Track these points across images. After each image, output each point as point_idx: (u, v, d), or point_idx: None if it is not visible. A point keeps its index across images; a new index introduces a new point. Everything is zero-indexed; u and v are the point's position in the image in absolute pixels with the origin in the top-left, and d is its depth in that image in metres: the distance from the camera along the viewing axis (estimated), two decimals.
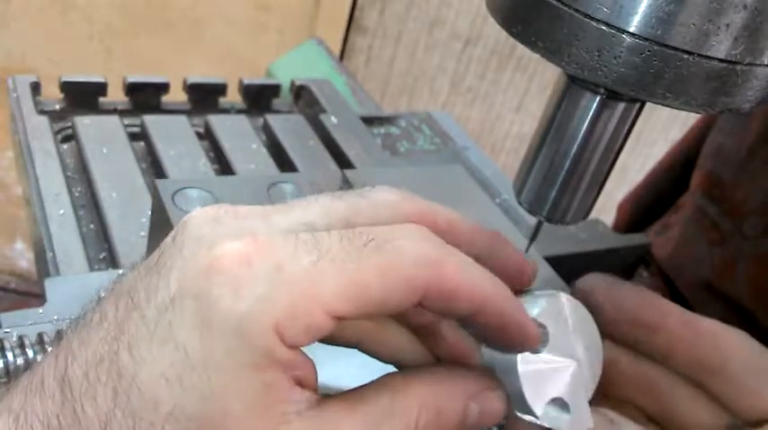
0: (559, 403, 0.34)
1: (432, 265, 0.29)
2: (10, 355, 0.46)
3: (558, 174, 0.38)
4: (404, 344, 0.36)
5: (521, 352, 0.33)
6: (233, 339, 0.27)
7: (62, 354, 0.30)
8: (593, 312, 0.36)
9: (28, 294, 2.00)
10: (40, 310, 0.50)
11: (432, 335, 0.35)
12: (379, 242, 0.29)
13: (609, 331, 0.38)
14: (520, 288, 0.35)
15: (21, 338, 0.47)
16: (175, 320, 0.28)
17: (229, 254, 0.28)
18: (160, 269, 0.29)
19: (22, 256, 2.03)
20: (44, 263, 0.58)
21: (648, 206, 0.88)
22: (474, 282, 0.30)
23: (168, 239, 0.30)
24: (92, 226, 0.63)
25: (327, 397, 0.30)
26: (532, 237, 0.43)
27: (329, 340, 0.35)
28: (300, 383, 0.29)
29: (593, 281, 0.40)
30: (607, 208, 0.88)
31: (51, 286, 0.53)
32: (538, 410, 0.33)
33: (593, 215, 0.42)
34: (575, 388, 0.34)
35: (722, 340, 0.36)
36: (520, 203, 0.41)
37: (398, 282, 0.28)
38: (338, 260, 0.28)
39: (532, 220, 0.42)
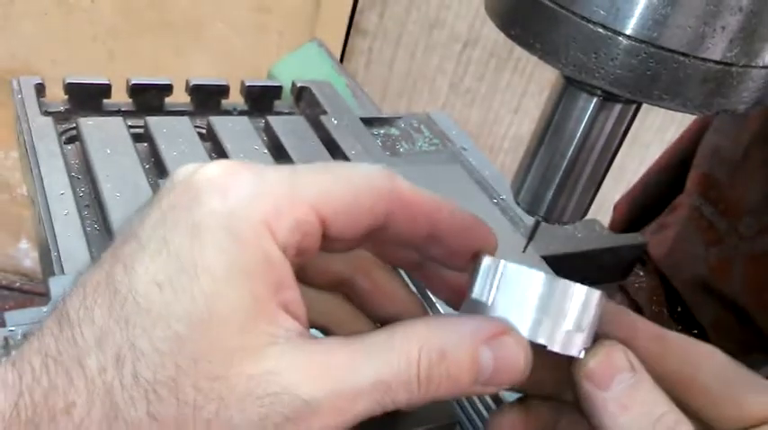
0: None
1: (387, 177, 0.32)
2: (14, 353, 0.47)
3: (555, 174, 0.39)
4: (366, 327, 0.37)
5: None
6: (223, 237, 0.28)
7: (60, 302, 0.30)
8: None
9: (32, 293, 2.00)
10: (45, 309, 0.50)
11: None
12: (340, 163, 0.32)
13: None
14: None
15: (25, 337, 0.48)
16: (167, 232, 0.29)
17: (216, 168, 0.30)
18: (152, 204, 0.31)
19: (26, 256, 2.03)
20: (48, 262, 0.59)
21: (645, 206, 0.89)
22: (424, 193, 0.33)
23: (159, 190, 0.32)
24: (96, 226, 0.64)
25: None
26: (530, 237, 0.44)
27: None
28: (289, 312, 0.30)
29: None
30: (604, 208, 0.89)
31: (55, 285, 0.53)
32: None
33: (589, 215, 0.43)
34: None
35: (691, 353, 0.35)
36: (518, 203, 0.41)
37: (364, 185, 0.31)
38: (309, 170, 0.31)
39: (530, 220, 0.42)
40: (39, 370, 0.28)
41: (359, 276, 0.37)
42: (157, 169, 0.71)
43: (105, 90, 0.75)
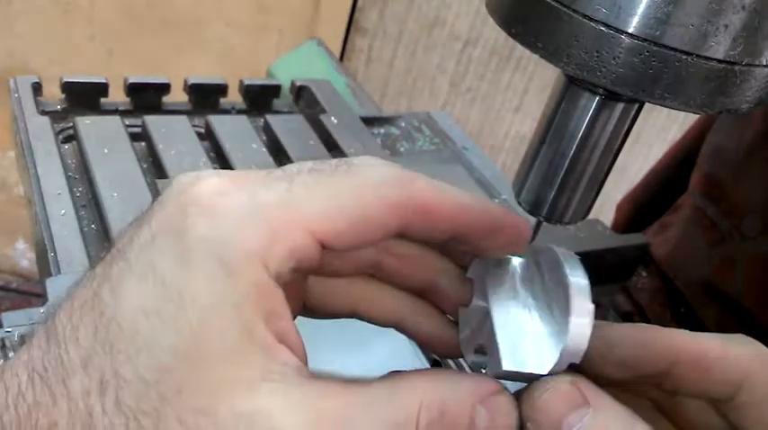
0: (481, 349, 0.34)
1: (402, 182, 0.30)
2: (11, 355, 0.47)
3: (557, 174, 0.38)
4: (401, 305, 0.36)
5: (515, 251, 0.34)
6: (212, 266, 0.27)
7: (51, 313, 0.30)
8: (588, 367, 0.33)
9: (29, 294, 2.00)
10: (42, 310, 0.50)
11: (431, 293, 0.35)
12: (348, 167, 0.29)
13: (614, 383, 0.34)
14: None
15: (22, 338, 0.48)
16: (155, 256, 0.28)
17: (206, 188, 0.28)
18: (142, 219, 0.30)
19: (23, 256, 2.03)
20: (45, 262, 0.59)
21: (647, 206, 0.89)
22: (447, 196, 0.31)
23: (157, 199, 0.31)
24: (93, 226, 0.64)
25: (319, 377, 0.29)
26: (532, 238, 0.43)
27: (323, 311, 0.35)
28: (284, 343, 0.28)
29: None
30: (606, 208, 0.88)
31: (53, 286, 0.53)
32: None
33: (592, 215, 0.42)
34: (503, 332, 0.33)
35: (733, 372, 0.32)
36: (519, 203, 0.41)
37: (373, 198, 0.29)
38: (311, 184, 0.29)
39: (532, 220, 0.42)
40: (25, 384, 0.28)
41: (383, 256, 0.35)
42: (155, 169, 0.71)
43: (103, 89, 0.75)
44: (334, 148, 0.76)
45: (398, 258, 0.35)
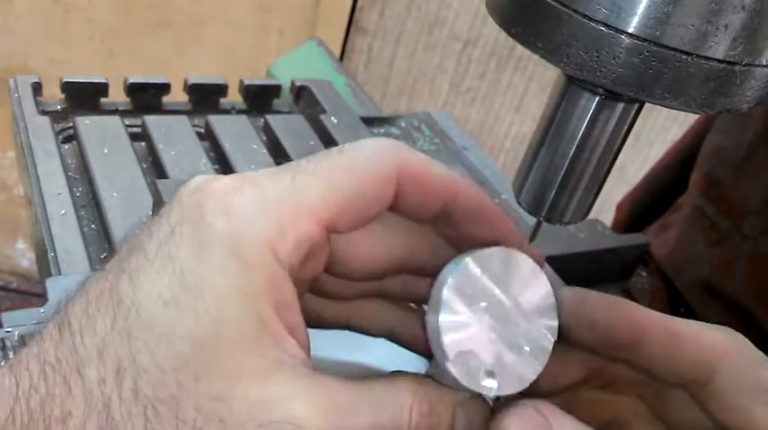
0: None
1: (395, 153, 0.32)
2: (11, 355, 0.47)
3: (557, 174, 0.38)
4: (393, 315, 0.37)
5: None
6: (228, 258, 0.28)
7: (62, 307, 0.30)
8: (565, 333, 0.34)
9: (29, 294, 2.00)
10: (42, 310, 0.50)
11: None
12: (341, 148, 0.31)
13: (586, 351, 0.35)
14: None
15: (22, 338, 0.48)
16: (174, 247, 0.29)
17: (220, 186, 0.30)
18: (161, 215, 0.31)
19: (23, 256, 2.03)
20: (45, 262, 0.59)
21: (647, 206, 0.89)
22: (439, 169, 0.33)
23: (170, 201, 0.32)
24: (93, 226, 0.64)
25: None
26: (532, 237, 0.43)
27: (316, 322, 0.36)
28: (293, 337, 0.29)
29: (561, 297, 0.36)
30: (606, 208, 0.88)
31: (53, 286, 0.53)
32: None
33: (592, 215, 0.42)
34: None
35: (706, 352, 0.33)
36: (519, 203, 0.41)
37: (368, 173, 0.31)
38: (309, 171, 0.30)
39: (532, 220, 0.42)
40: (36, 376, 0.28)
41: (387, 281, 0.37)
42: (155, 169, 0.71)
43: (103, 89, 0.75)
44: None
45: (402, 281, 0.37)
